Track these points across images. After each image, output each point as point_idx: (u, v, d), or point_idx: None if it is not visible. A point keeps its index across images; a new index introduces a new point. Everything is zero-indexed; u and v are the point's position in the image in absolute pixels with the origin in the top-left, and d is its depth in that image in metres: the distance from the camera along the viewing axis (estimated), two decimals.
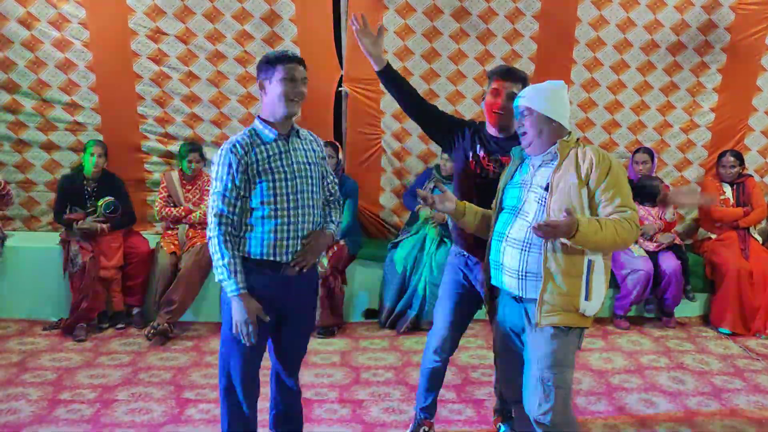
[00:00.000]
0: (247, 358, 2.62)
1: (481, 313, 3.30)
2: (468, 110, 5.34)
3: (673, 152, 5.54)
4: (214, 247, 2.50)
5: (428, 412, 3.21)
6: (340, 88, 5.25)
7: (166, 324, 4.45)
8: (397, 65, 5.19)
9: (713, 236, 5.30)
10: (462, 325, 3.07)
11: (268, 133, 2.53)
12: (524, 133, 2.54)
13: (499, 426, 3.32)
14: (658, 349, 4.56)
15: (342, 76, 5.23)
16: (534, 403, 2.45)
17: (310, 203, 2.59)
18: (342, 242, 4.85)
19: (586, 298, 2.40)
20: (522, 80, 2.85)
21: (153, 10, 4.96)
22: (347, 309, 4.98)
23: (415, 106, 3.02)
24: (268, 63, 2.50)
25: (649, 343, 4.67)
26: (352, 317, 5.02)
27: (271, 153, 2.51)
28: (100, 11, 4.93)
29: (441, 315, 3.04)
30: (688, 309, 5.20)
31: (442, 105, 5.30)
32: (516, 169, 2.65)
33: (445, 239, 4.78)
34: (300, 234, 2.56)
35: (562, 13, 5.24)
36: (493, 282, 2.63)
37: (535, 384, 2.45)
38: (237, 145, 2.48)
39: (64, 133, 5.11)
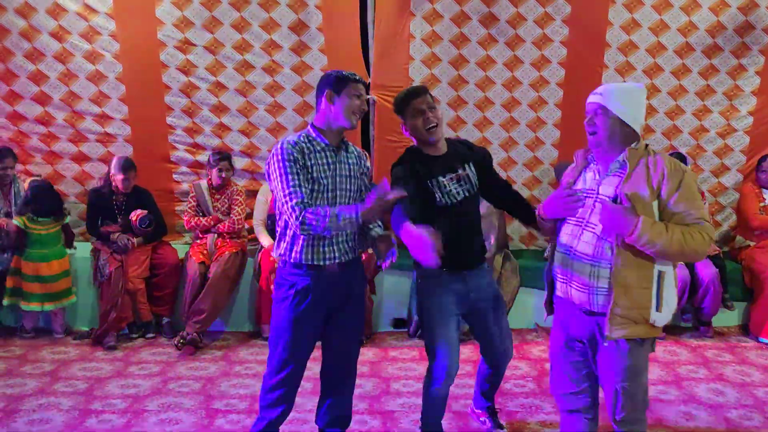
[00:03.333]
0: (296, 357, 2.72)
1: (512, 322, 3.24)
2: (497, 116, 5.28)
3: (709, 157, 5.40)
4: (316, 223, 2.47)
5: None
6: (367, 96, 5.21)
7: (195, 334, 4.46)
8: (424, 72, 5.17)
9: (752, 244, 5.15)
10: (459, 342, 3.01)
11: (320, 142, 2.66)
12: (594, 133, 2.43)
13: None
14: (696, 360, 4.43)
15: (369, 84, 5.20)
16: (616, 409, 2.45)
17: None
18: (370, 251, 4.81)
19: (657, 309, 2.35)
20: (427, 91, 2.90)
21: (181, 21, 5.00)
22: (376, 318, 4.95)
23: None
24: (342, 78, 2.65)
25: (686, 354, 4.54)
26: (380, 327, 4.98)
27: (321, 162, 2.63)
28: (130, 23, 4.99)
29: (447, 340, 2.90)
30: (726, 318, 5.07)
31: (471, 112, 5.28)
32: (579, 175, 2.57)
33: None
34: (335, 240, 2.65)
35: (592, 16, 5.16)
36: (560, 294, 2.55)
37: (614, 393, 2.44)
38: (298, 145, 2.59)
39: (95, 145, 5.17)
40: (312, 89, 4.97)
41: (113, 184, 4.70)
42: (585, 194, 2.47)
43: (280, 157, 2.56)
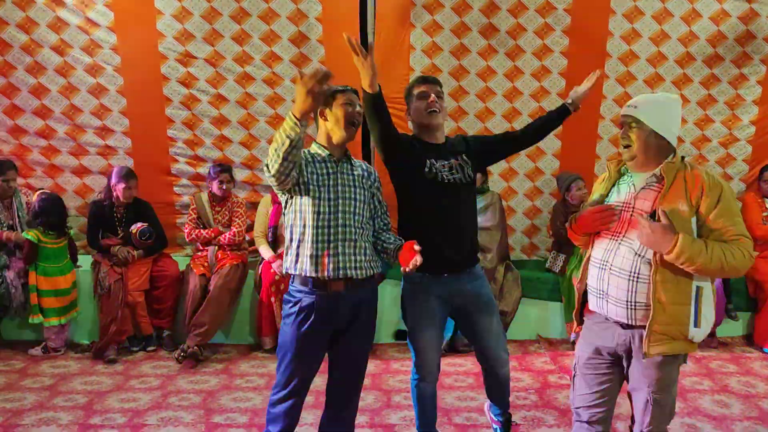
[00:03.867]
0: (303, 369, 2.67)
1: (514, 333, 3.20)
2: (497, 127, 5.27)
3: (712, 167, 5.38)
4: (271, 149, 2.44)
5: None
6: None
7: (195, 347, 4.44)
8: None
9: (755, 253, 5.11)
10: (441, 345, 3.08)
11: (322, 153, 2.69)
12: (628, 146, 2.41)
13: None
14: (700, 371, 4.39)
15: None
16: (644, 420, 2.44)
17: (352, 222, 2.65)
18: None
19: (696, 325, 2.32)
20: (439, 82, 2.99)
21: (182, 34, 5.01)
22: (377, 330, 4.89)
23: (391, 135, 2.89)
24: (330, 93, 2.69)
25: (690, 365, 4.50)
26: (382, 338, 4.95)
27: (321, 172, 2.64)
28: (131, 37, 5.00)
29: (427, 342, 2.96)
30: (730, 328, 5.03)
31: (471, 122, 5.27)
32: (612, 187, 2.55)
33: None
34: (341, 251, 2.60)
35: (592, 27, 5.16)
36: (594, 308, 2.52)
37: (645, 404, 2.42)
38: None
39: (96, 158, 5.17)
40: None
41: (114, 195, 4.70)
42: (621, 208, 2.44)
43: None
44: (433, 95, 2.90)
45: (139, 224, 4.65)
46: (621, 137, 2.43)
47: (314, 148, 2.73)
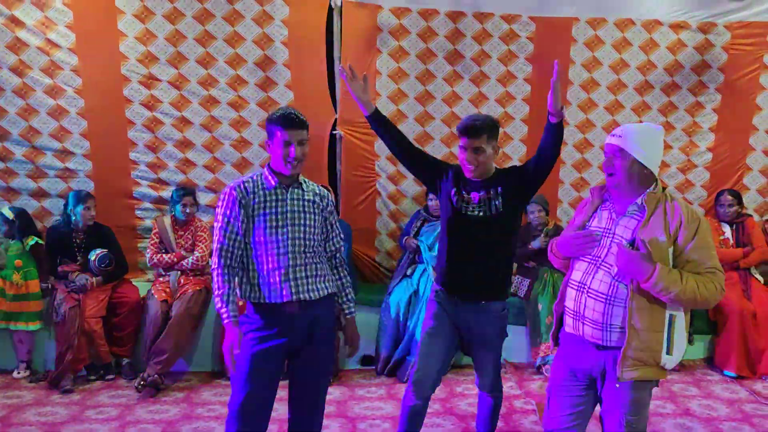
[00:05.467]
0: (257, 395, 2.63)
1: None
2: None
3: (672, 193, 5.49)
4: (214, 279, 2.61)
5: None
6: (334, 131, 5.23)
7: (156, 375, 4.32)
8: (390, 108, 5.19)
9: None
10: (446, 364, 3.10)
11: (271, 181, 2.68)
12: (611, 174, 2.47)
13: None
14: (662, 394, 4.43)
15: (336, 119, 5.21)
16: None
17: (302, 249, 2.66)
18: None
19: (668, 353, 2.38)
20: (486, 129, 2.89)
21: (146, 56, 4.96)
22: (343, 356, 4.85)
23: (404, 149, 3.11)
24: (270, 122, 2.65)
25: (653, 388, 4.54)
26: (347, 364, 4.89)
27: (268, 199, 2.65)
28: (93, 58, 4.92)
29: (426, 354, 3.02)
30: (691, 351, 5.08)
31: (437, 147, 5.30)
32: (593, 212, 2.59)
33: None
34: (292, 276, 2.61)
35: (555, 55, 5.22)
36: (570, 330, 2.55)
37: (617, 427, 2.46)
38: (241, 186, 2.66)
39: (55, 180, 5.04)
40: None
41: (73, 220, 4.59)
42: (601, 233, 2.49)
43: (222, 198, 2.65)
44: (468, 151, 2.90)
45: (98, 251, 4.54)
46: (605, 165, 2.50)
47: (265, 172, 2.71)
